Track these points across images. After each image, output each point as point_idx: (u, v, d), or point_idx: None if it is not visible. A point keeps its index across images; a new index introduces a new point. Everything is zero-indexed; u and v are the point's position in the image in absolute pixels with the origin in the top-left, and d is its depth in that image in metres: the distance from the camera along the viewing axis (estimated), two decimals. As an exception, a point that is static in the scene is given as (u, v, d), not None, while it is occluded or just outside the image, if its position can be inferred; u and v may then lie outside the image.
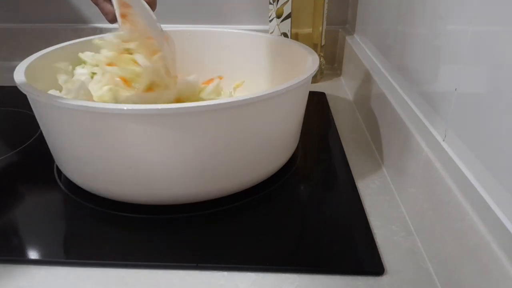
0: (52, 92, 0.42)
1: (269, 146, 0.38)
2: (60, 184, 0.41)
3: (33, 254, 0.33)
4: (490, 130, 0.28)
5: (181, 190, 0.36)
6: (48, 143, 0.39)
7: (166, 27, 0.56)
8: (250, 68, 0.54)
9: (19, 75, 0.37)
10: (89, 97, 0.41)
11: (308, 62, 0.42)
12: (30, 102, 0.37)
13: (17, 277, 0.31)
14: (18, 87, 0.35)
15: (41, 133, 0.50)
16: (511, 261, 0.22)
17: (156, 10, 0.58)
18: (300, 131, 0.44)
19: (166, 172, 0.34)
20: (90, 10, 0.80)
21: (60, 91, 0.43)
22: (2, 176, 0.43)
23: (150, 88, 0.43)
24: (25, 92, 0.34)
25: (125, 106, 0.30)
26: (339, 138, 0.51)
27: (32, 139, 0.50)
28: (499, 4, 0.27)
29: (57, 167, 0.44)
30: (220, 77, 0.53)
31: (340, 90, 0.68)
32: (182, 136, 0.32)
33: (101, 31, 0.80)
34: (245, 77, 0.54)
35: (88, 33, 0.73)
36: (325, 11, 0.68)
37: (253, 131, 0.35)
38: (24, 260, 0.32)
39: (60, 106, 0.32)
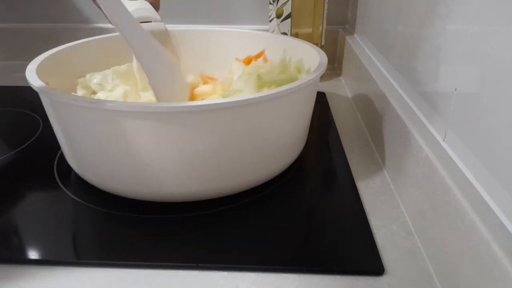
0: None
1: (278, 146, 0.38)
2: (60, 184, 0.41)
3: (33, 254, 0.33)
4: (490, 130, 0.28)
5: (191, 187, 0.36)
6: (61, 143, 0.39)
7: (169, 27, 0.56)
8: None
9: (32, 75, 0.37)
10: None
11: (316, 61, 0.42)
12: (42, 101, 0.36)
13: (17, 277, 0.31)
14: (32, 87, 0.35)
15: (41, 133, 0.50)
16: (511, 261, 0.22)
17: (159, 10, 0.58)
18: (307, 131, 0.44)
19: (177, 169, 0.34)
20: (90, 10, 0.80)
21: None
22: (2, 176, 0.43)
23: None
24: (37, 90, 0.34)
25: (142, 104, 0.31)
26: (339, 138, 0.51)
27: (32, 139, 0.50)
28: (499, 4, 0.27)
29: (57, 167, 0.44)
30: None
31: (340, 90, 0.68)
32: (193, 134, 0.32)
33: (102, 31, 0.81)
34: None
35: (88, 33, 0.73)
36: (325, 11, 0.68)
37: (263, 130, 0.35)
38: (24, 260, 0.32)
39: (79, 105, 0.32)
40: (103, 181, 0.38)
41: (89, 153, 0.36)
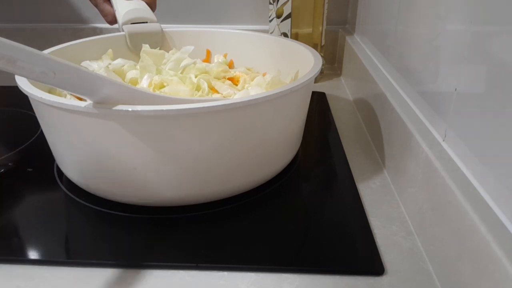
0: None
1: (273, 148, 0.38)
2: (60, 184, 0.41)
3: (33, 254, 0.33)
4: (490, 130, 0.28)
5: (183, 191, 0.35)
6: (50, 145, 0.39)
7: (166, 27, 0.56)
8: (251, 69, 0.54)
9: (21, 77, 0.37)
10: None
11: (311, 62, 0.42)
12: (32, 104, 0.36)
13: (17, 277, 0.31)
14: (20, 89, 0.35)
15: (41, 133, 0.50)
16: (511, 261, 0.22)
17: (156, 10, 0.58)
18: (302, 132, 0.44)
19: (169, 173, 0.34)
20: (90, 10, 0.80)
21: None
22: (2, 176, 0.43)
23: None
24: (26, 93, 0.34)
25: (130, 108, 0.30)
26: (339, 138, 0.51)
27: (32, 139, 0.50)
28: (499, 4, 0.27)
29: (57, 167, 0.44)
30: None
31: (340, 90, 0.68)
32: (186, 137, 0.32)
33: (101, 31, 0.81)
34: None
35: (88, 33, 0.73)
36: (325, 11, 0.68)
37: (257, 132, 0.35)
38: (24, 260, 0.32)
39: (63, 108, 0.32)
40: (89, 185, 0.38)
41: (74, 156, 0.36)
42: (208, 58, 0.56)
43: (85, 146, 0.34)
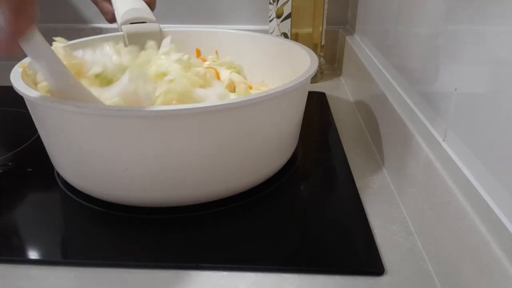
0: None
1: (269, 147, 0.38)
2: (60, 184, 0.41)
3: (33, 254, 0.33)
4: (490, 130, 0.28)
5: (177, 192, 0.35)
6: (44, 145, 0.39)
7: (166, 27, 0.56)
8: (249, 69, 0.54)
9: (16, 76, 0.37)
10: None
11: (307, 63, 0.42)
12: (26, 103, 0.36)
13: (17, 277, 0.31)
14: (14, 88, 0.35)
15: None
16: (511, 261, 0.22)
17: (155, 10, 0.58)
18: (299, 132, 0.44)
19: (162, 174, 0.34)
20: (90, 10, 0.80)
21: None
22: (2, 176, 0.43)
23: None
24: (20, 94, 0.34)
25: (121, 107, 0.30)
26: (339, 138, 0.51)
27: (32, 139, 0.50)
28: (499, 4, 0.27)
29: (57, 167, 0.44)
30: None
31: (340, 90, 0.68)
32: (179, 138, 0.32)
33: (101, 31, 0.80)
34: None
35: (88, 33, 0.73)
36: (325, 11, 0.68)
37: (252, 133, 0.35)
38: (24, 260, 0.32)
39: (55, 108, 0.32)
40: (82, 184, 0.37)
41: (68, 156, 0.36)
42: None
43: (78, 146, 0.34)
